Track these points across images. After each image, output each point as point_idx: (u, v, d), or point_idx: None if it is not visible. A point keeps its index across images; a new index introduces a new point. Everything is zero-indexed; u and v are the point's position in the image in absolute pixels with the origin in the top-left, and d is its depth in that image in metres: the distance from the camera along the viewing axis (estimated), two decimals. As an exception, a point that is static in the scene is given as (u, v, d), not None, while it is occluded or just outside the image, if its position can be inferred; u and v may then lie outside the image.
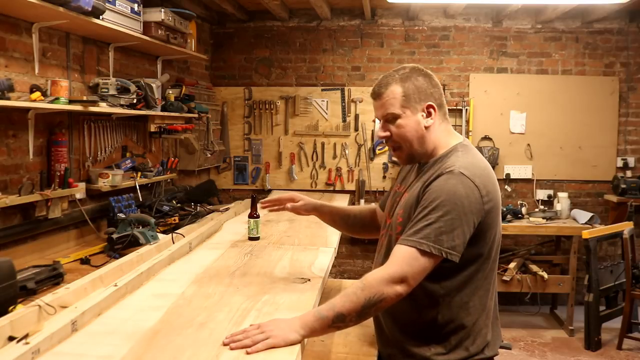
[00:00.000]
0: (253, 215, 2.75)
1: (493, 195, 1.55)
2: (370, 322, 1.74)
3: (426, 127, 1.62)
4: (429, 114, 1.62)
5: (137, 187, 3.46)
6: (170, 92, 3.98)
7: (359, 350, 1.74)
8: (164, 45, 3.67)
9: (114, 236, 2.78)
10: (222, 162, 5.34)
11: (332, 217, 2.06)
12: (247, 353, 1.36)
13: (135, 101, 3.31)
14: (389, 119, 1.63)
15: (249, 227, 2.78)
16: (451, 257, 1.47)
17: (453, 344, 1.58)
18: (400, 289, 1.45)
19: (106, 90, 3.12)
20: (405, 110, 1.61)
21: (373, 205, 2.06)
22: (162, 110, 3.74)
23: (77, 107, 2.76)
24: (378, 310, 1.50)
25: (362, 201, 5.20)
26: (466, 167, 1.53)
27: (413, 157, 1.67)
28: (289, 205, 2.02)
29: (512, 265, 4.67)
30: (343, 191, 5.28)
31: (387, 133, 1.64)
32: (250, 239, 2.76)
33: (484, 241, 1.55)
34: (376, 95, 1.65)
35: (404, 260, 1.47)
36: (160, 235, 2.86)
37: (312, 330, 1.46)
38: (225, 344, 1.41)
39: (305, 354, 1.58)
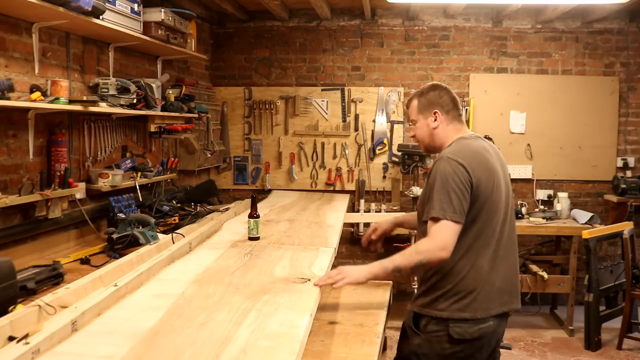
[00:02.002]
0: (253, 215, 2.76)
1: (478, 172, 1.97)
2: (370, 321, 1.77)
3: (434, 128, 2.14)
4: (435, 118, 2.13)
5: (137, 187, 3.46)
6: (170, 92, 3.98)
7: (359, 351, 1.74)
8: (164, 45, 3.67)
9: (114, 236, 2.78)
10: (222, 162, 5.34)
11: (412, 224, 2.44)
12: (333, 287, 1.99)
13: (135, 101, 3.31)
14: (413, 123, 2.22)
15: (249, 227, 2.78)
16: (455, 218, 1.90)
17: (436, 294, 2.00)
18: (443, 254, 1.89)
19: (106, 90, 3.12)
20: (419, 117, 2.17)
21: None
22: (162, 110, 3.74)
23: (77, 107, 2.76)
24: (425, 269, 1.97)
25: (362, 201, 5.20)
26: (452, 152, 2.00)
27: (428, 149, 2.22)
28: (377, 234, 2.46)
29: (512, 265, 4.67)
30: (343, 191, 5.28)
31: (413, 133, 2.23)
32: (250, 239, 2.77)
33: (473, 206, 1.95)
34: (406, 107, 2.28)
35: (439, 233, 1.90)
36: (160, 235, 2.86)
37: (375, 275, 1.98)
38: (315, 285, 1.96)
39: (305, 354, 1.58)
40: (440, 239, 1.90)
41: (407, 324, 2.08)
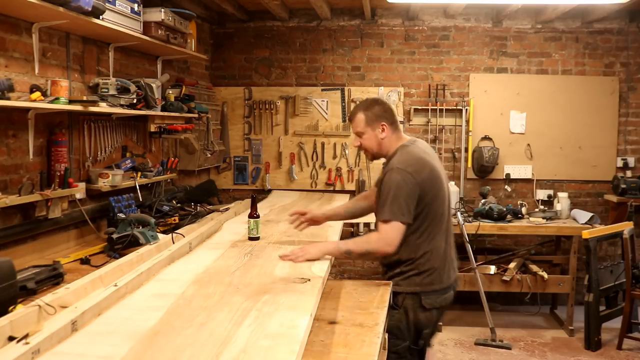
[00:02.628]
0: (253, 215, 2.75)
1: (423, 174, 2.35)
2: (370, 321, 1.82)
3: (382, 138, 2.46)
4: (382, 130, 2.45)
5: (137, 187, 3.46)
6: (170, 92, 3.98)
7: (359, 351, 1.74)
8: (164, 45, 3.67)
9: (114, 236, 2.78)
10: (222, 162, 5.34)
11: (342, 217, 2.89)
12: (295, 262, 2.29)
13: (135, 101, 3.31)
14: (358, 135, 2.50)
15: (249, 227, 2.77)
16: (402, 220, 2.30)
17: (409, 274, 2.41)
18: (389, 249, 2.32)
19: (106, 90, 3.12)
20: (367, 129, 2.46)
21: (365, 193, 2.91)
22: (162, 110, 3.74)
23: (77, 107, 2.76)
24: (370, 258, 2.44)
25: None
26: (400, 162, 2.37)
27: (375, 156, 2.55)
28: (306, 218, 2.74)
29: (512, 265, 4.67)
30: (343, 191, 5.28)
31: (358, 143, 2.52)
32: (250, 239, 2.76)
33: (423, 201, 2.34)
34: (350, 120, 2.54)
35: (389, 232, 2.31)
36: (160, 235, 2.86)
37: (330, 253, 2.38)
38: (280, 258, 2.32)
39: (305, 354, 1.58)
40: (388, 237, 2.31)
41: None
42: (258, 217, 2.77)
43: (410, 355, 2.44)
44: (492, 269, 4.59)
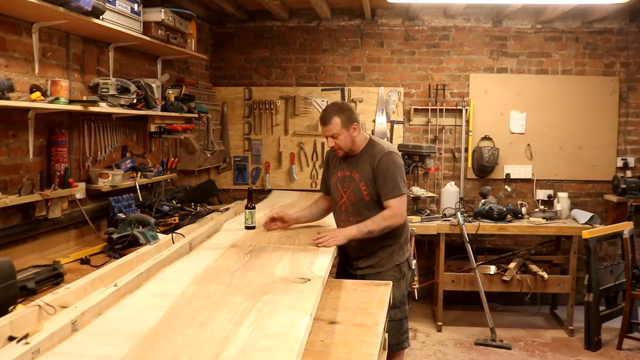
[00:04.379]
0: (249, 206, 3.07)
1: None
2: (370, 321, 1.82)
3: (355, 136, 2.81)
4: (355, 129, 2.79)
5: (137, 187, 3.46)
6: (170, 92, 3.98)
7: (359, 351, 1.74)
8: (164, 45, 3.67)
9: (114, 236, 2.78)
10: (222, 162, 5.34)
11: (309, 219, 3.16)
12: (325, 246, 2.62)
13: (135, 101, 3.31)
14: (334, 136, 2.78)
15: (245, 217, 3.07)
16: (406, 192, 2.78)
17: (402, 243, 2.91)
18: (401, 220, 2.79)
19: (106, 90, 3.12)
20: (343, 130, 2.77)
21: (319, 195, 3.23)
22: (162, 110, 3.74)
23: (77, 107, 2.76)
24: (387, 231, 2.75)
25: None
26: (388, 147, 2.85)
27: (348, 153, 2.85)
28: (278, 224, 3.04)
29: (512, 265, 4.67)
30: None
31: (333, 144, 2.80)
32: (247, 227, 3.06)
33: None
34: (324, 123, 2.79)
35: (399, 205, 2.75)
36: (160, 235, 2.86)
37: (354, 236, 2.73)
38: (315, 244, 2.63)
39: (305, 354, 1.58)
40: (400, 209, 2.75)
41: None
42: (254, 208, 3.09)
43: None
44: (492, 269, 4.59)
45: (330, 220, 3.16)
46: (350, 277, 2.82)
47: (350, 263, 2.94)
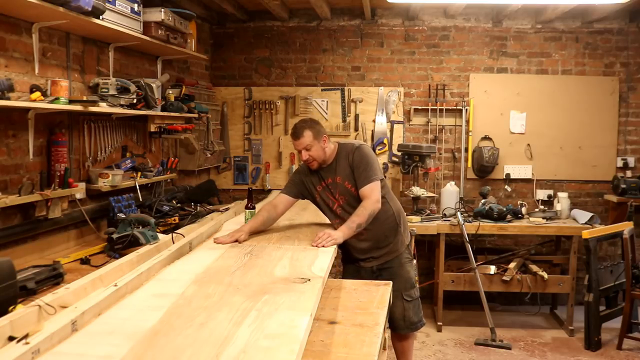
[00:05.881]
0: (249, 206, 3.13)
1: None
2: (370, 321, 1.81)
3: (326, 147, 2.96)
4: (324, 141, 2.94)
5: (137, 187, 3.46)
6: (170, 92, 3.98)
7: (359, 351, 1.74)
8: (164, 45, 3.67)
9: (114, 236, 2.78)
10: (222, 162, 5.34)
11: (264, 227, 3.01)
12: (324, 246, 2.62)
13: (135, 101, 3.31)
14: (307, 148, 2.90)
15: (245, 217, 3.10)
16: (379, 177, 2.93)
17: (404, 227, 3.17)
18: (378, 205, 2.90)
19: (106, 90, 3.12)
20: (315, 142, 2.90)
21: (277, 201, 3.06)
22: (162, 110, 3.74)
23: (77, 107, 2.76)
24: (372, 217, 2.87)
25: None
26: (357, 142, 3.03)
27: (321, 163, 2.97)
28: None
29: (512, 265, 4.67)
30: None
31: (307, 156, 2.92)
32: None
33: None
34: (297, 137, 2.91)
35: (373, 190, 2.89)
36: (160, 235, 2.86)
37: (348, 235, 2.80)
38: (314, 245, 2.63)
39: (305, 354, 1.58)
40: (374, 196, 2.88)
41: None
42: (254, 208, 3.13)
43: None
44: (492, 269, 4.59)
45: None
46: (365, 271, 3.11)
47: (363, 258, 3.11)
